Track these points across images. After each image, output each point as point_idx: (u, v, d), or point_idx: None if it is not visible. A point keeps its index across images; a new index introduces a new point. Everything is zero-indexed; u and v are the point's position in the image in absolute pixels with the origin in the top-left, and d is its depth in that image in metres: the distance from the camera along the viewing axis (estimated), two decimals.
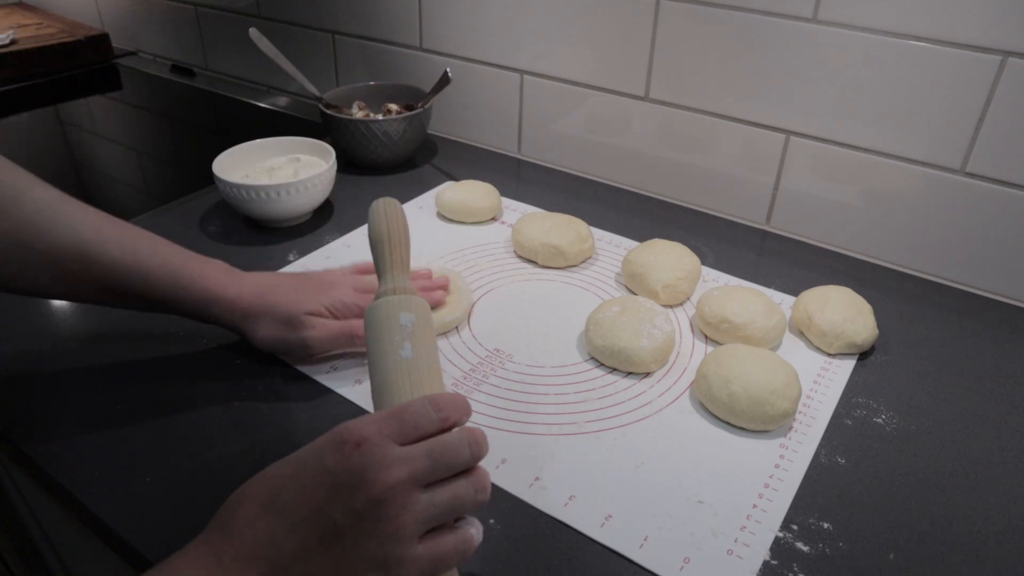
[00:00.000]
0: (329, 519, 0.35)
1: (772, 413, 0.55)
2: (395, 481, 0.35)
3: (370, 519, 0.35)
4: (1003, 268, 0.75)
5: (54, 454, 0.54)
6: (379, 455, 0.36)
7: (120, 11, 1.51)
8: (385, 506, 0.35)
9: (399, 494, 0.35)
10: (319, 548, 0.35)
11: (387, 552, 0.35)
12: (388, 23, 1.09)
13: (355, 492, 0.35)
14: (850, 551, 0.48)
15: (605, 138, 0.97)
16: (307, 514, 0.35)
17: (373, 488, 0.35)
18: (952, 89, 0.71)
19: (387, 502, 0.35)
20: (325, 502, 0.35)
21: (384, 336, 0.45)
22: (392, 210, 0.50)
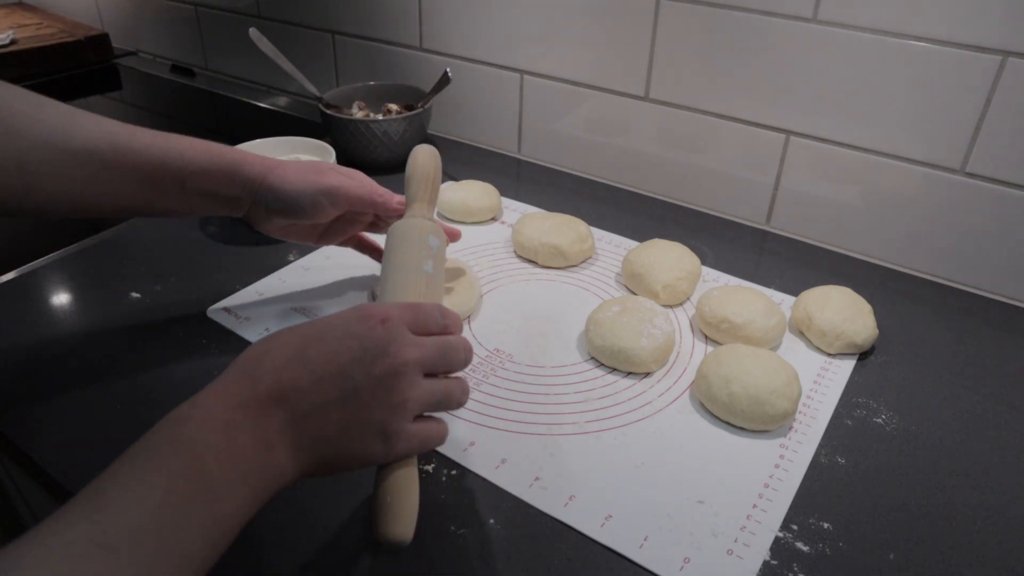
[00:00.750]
0: (351, 379, 0.39)
1: (772, 413, 0.55)
2: (411, 359, 0.41)
3: (384, 387, 0.40)
4: (1003, 268, 0.75)
5: (54, 454, 0.54)
6: (401, 334, 0.41)
7: (120, 11, 1.51)
8: (399, 379, 0.40)
9: (411, 372, 0.41)
10: (337, 404, 0.39)
11: (389, 421, 0.40)
12: (388, 23, 1.09)
13: (377, 360, 0.40)
14: (850, 551, 0.48)
15: (605, 138, 0.97)
16: (332, 371, 0.39)
17: (394, 360, 0.40)
18: (952, 89, 0.71)
19: (401, 376, 0.40)
20: (349, 363, 0.39)
21: (412, 250, 0.54)
22: (433, 154, 0.63)
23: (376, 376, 0.39)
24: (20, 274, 0.75)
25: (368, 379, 0.39)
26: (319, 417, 0.38)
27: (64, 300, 0.72)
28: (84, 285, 0.74)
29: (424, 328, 0.44)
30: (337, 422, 0.39)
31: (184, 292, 0.72)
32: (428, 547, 0.47)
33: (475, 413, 0.58)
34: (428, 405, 0.43)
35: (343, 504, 0.50)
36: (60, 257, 0.78)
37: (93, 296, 0.72)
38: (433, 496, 0.51)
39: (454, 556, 0.47)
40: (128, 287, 0.72)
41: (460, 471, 0.53)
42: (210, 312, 0.69)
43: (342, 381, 0.39)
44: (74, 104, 0.54)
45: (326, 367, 0.39)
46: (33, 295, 0.72)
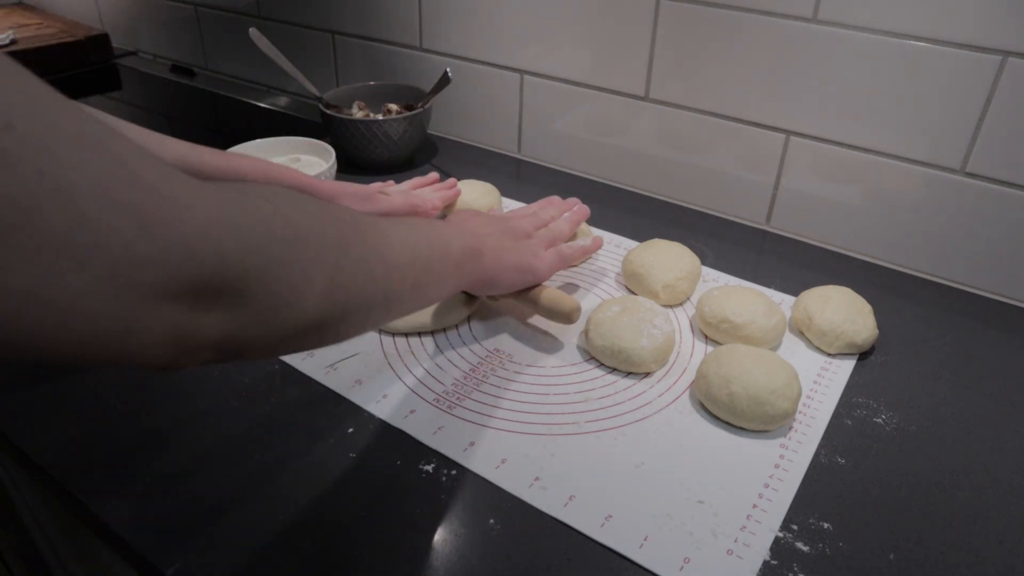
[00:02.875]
0: (507, 222, 0.64)
1: (772, 413, 0.55)
2: (525, 223, 0.65)
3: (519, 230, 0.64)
4: (1003, 268, 0.75)
5: (54, 454, 0.54)
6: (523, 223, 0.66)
7: (120, 11, 1.51)
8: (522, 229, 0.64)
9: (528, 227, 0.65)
10: (500, 232, 0.61)
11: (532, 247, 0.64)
12: (388, 23, 1.09)
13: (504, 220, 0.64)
14: (850, 551, 0.48)
15: (605, 138, 0.97)
16: (496, 220, 0.63)
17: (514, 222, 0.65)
18: (952, 89, 0.71)
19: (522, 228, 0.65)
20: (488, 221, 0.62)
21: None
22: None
23: (514, 227, 0.63)
24: None
25: (512, 227, 0.63)
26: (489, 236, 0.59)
27: None
28: None
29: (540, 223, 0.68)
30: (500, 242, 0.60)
31: None
32: (428, 547, 0.47)
33: (475, 413, 0.58)
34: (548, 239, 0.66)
35: (343, 504, 0.50)
36: None
37: None
38: (433, 496, 0.51)
39: (454, 556, 0.47)
40: None
41: (460, 471, 0.53)
42: None
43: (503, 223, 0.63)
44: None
45: (479, 220, 0.61)
46: None
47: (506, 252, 0.60)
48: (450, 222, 0.58)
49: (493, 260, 0.58)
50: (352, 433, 0.56)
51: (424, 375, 0.62)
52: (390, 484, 0.52)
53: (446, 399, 0.59)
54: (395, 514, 0.49)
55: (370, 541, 0.48)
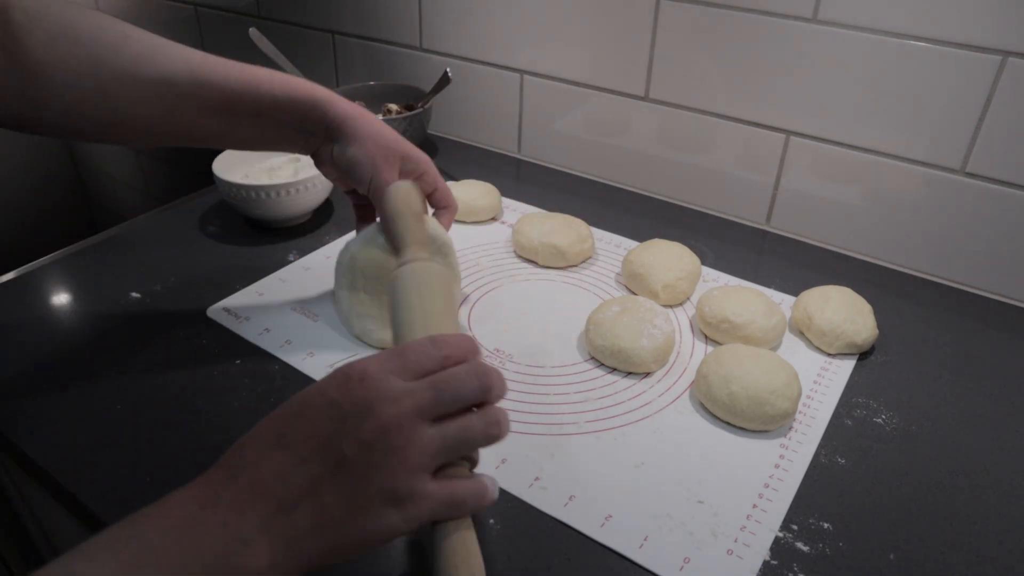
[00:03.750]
0: (338, 450, 0.35)
1: (772, 413, 0.55)
2: (401, 412, 0.36)
3: (379, 449, 0.35)
4: (1003, 268, 0.75)
5: (54, 454, 0.54)
6: (383, 387, 0.36)
7: (120, 11, 1.51)
8: (392, 436, 0.35)
9: (405, 424, 0.36)
10: (329, 481, 0.35)
11: (397, 484, 0.35)
12: (388, 23, 1.09)
13: (362, 422, 0.35)
14: (850, 551, 0.48)
15: (605, 138, 0.97)
16: (316, 448, 0.35)
17: (380, 418, 0.35)
18: (952, 89, 0.71)
19: (394, 432, 0.35)
20: (333, 434, 0.35)
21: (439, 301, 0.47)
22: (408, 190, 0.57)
23: (366, 441, 0.35)
24: (20, 274, 0.75)
25: (357, 445, 0.35)
26: (311, 502, 0.34)
27: (64, 300, 0.72)
28: (84, 285, 0.74)
29: (416, 370, 0.38)
30: (335, 502, 0.35)
31: (184, 292, 0.72)
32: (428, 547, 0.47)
33: None
34: (442, 453, 0.37)
35: None
36: (60, 257, 0.78)
37: (93, 296, 0.72)
38: None
39: None
40: (128, 287, 0.72)
41: None
42: (210, 312, 0.69)
43: (329, 456, 0.35)
44: None
45: (308, 444, 0.35)
46: (33, 295, 0.72)
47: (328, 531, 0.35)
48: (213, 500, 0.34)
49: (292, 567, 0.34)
50: None
51: None
52: None
53: None
54: None
55: None
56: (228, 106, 0.56)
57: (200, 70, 0.55)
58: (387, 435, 0.35)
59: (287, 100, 0.58)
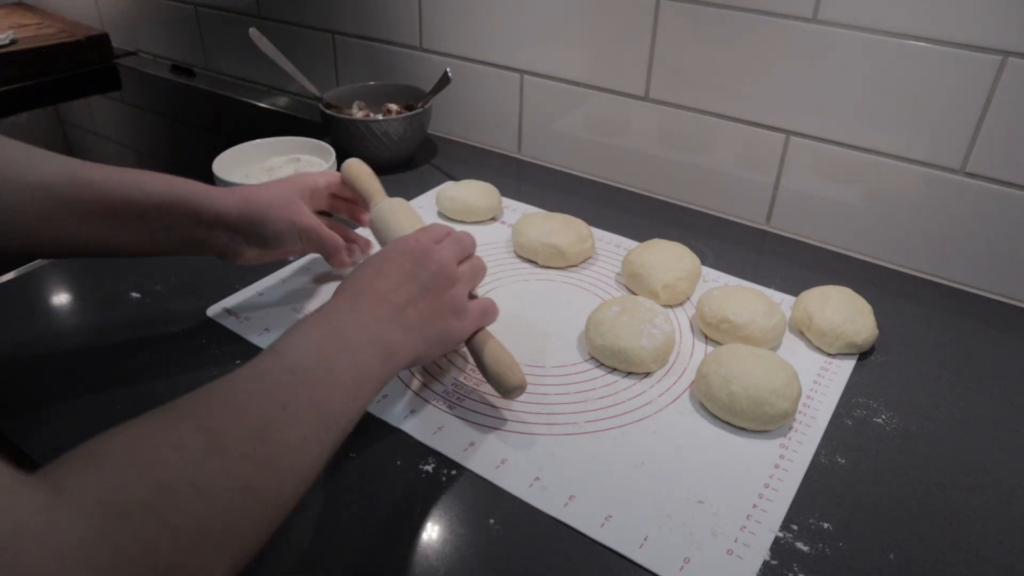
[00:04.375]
0: (418, 279, 0.52)
1: (772, 413, 0.55)
2: (446, 256, 0.55)
3: (441, 277, 0.53)
4: (1003, 268, 0.75)
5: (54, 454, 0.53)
6: (430, 243, 0.55)
7: (120, 11, 1.51)
8: (445, 269, 0.54)
9: (452, 263, 0.55)
10: (418, 295, 0.51)
11: (455, 300, 0.54)
12: (388, 23, 1.09)
13: (427, 262, 0.53)
14: (850, 551, 0.48)
15: (605, 138, 0.97)
16: (403, 277, 0.51)
17: (437, 260, 0.54)
18: (952, 89, 0.71)
19: (446, 267, 0.54)
20: (412, 269, 0.52)
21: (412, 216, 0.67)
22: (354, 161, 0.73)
23: (432, 271, 0.53)
24: (20, 274, 0.75)
25: (428, 274, 0.52)
26: (412, 308, 0.50)
27: (64, 300, 0.72)
28: (84, 285, 0.74)
29: (439, 236, 0.57)
30: (424, 308, 0.51)
31: (184, 292, 0.72)
32: (428, 547, 0.47)
33: (475, 413, 0.58)
34: (470, 281, 0.56)
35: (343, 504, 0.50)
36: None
37: (93, 296, 0.72)
38: (433, 496, 0.51)
39: (454, 556, 0.47)
40: (128, 287, 0.72)
41: (460, 471, 0.53)
42: (210, 312, 0.69)
43: (413, 281, 0.51)
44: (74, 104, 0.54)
45: (399, 275, 0.51)
46: (33, 295, 0.72)
47: (427, 326, 0.51)
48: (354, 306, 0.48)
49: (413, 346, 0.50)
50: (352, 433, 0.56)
51: (424, 375, 0.62)
52: (390, 484, 0.52)
53: (446, 399, 0.59)
54: (395, 514, 0.49)
55: (370, 541, 0.48)
56: (110, 210, 0.54)
57: (79, 173, 0.53)
58: (442, 269, 0.53)
59: (174, 200, 0.57)
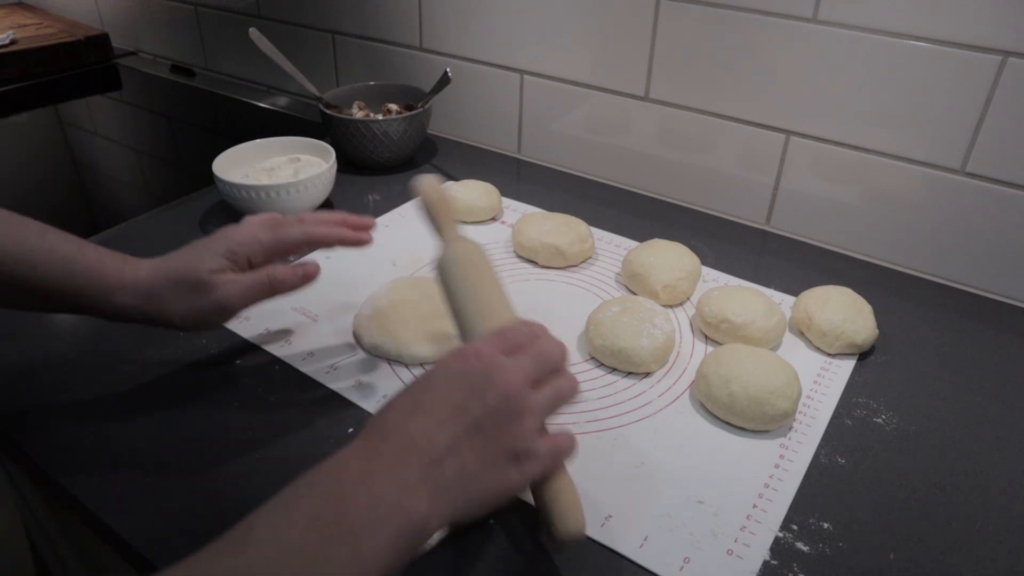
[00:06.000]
0: (469, 414, 0.40)
1: (772, 413, 0.55)
2: (516, 380, 0.42)
3: (502, 412, 0.41)
4: (1003, 268, 0.75)
5: (54, 454, 0.54)
6: (498, 361, 0.42)
7: (120, 11, 1.51)
8: (512, 400, 0.41)
9: (521, 390, 0.42)
10: (465, 440, 0.40)
11: (517, 443, 0.41)
12: (388, 23, 1.09)
13: (487, 390, 0.41)
14: (850, 551, 0.48)
15: (605, 138, 0.97)
16: (450, 412, 0.40)
17: (501, 386, 0.41)
18: (952, 89, 0.71)
19: (513, 397, 0.41)
20: (463, 400, 0.40)
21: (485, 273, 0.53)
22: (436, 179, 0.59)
23: (492, 404, 0.40)
24: None
25: (485, 408, 0.40)
26: (453, 457, 0.39)
27: None
28: None
29: (515, 346, 0.44)
30: (471, 458, 0.40)
31: None
32: (428, 547, 0.47)
33: None
34: (545, 412, 0.43)
35: None
36: None
37: None
38: None
39: (454, 556, 0.47)
40: None
41: None
42: None
43: (462, 417, 0.40)
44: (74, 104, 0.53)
45: (443, 409, 0.40)
46: None
47: (470, 483, 0.40)
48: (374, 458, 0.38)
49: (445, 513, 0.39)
50: (352, 433, 0.56)
51: None
52: None
53: None
54: None
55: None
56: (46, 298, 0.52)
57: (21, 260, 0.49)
58: (508, 400, 0.41)
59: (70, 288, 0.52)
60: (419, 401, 0.41)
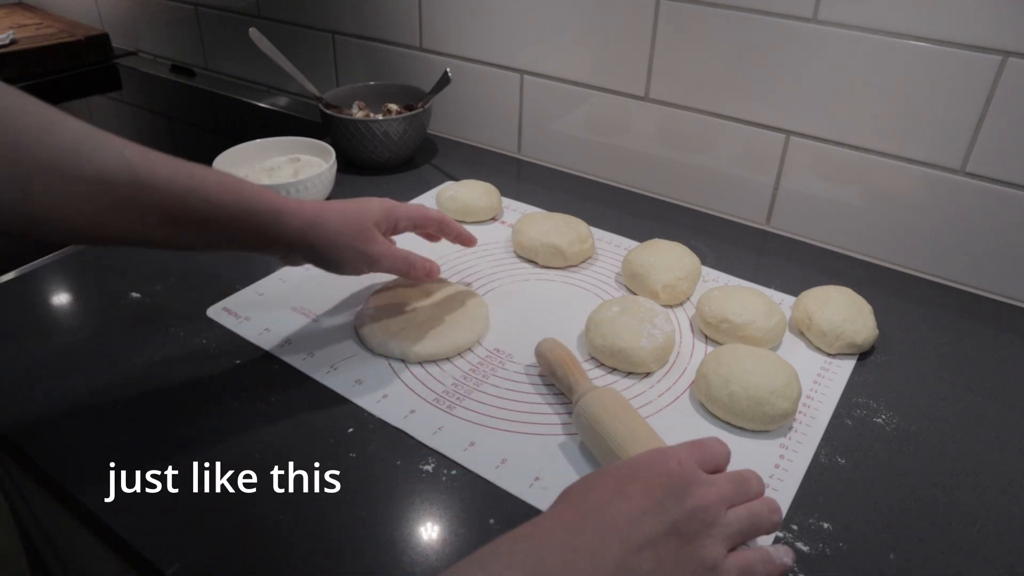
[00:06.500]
0: (668, 513, 0.40)
1: (772, 413, 0.55)
2: (714, 495, 0.42)
3: (697, 521, 0.40)
4: (1003, 268, 0.75)
5: (54, 454, 0.54)
6: (699, 474, 0.43)
7: (120, 11, 1.51)
8: (707, 512, 0.41)
9: (716, 504, 0.42)
10: (662, 537, 0.39)
11: (711, 554, 0.40)
12: (388, 23, 1.09)
13: (686, 496, 0.41)
14: (850, 551, 0.48)
15: (605, 138, 0.97)
16: (651, 505, 0.40)
17: (699, 497, 0.41)
18: (952, 89, 0.71)
19: (709, 509, 0.41)
20: (664, 498, 0.40)
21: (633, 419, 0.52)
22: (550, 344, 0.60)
23: (689, 509, 0.40)
24: (20, 274, 0.75)
25: (683, 512, 0.40)
26: (652, 550, 0.39)
27: (64, 300, 0.72)
28: (84, 285, 0.74)
29: (713, 464, 0.45)
30: (668, 557, 0.39)
31: (184, 292, 0.72)
32: (428, 547, 0.47)
33: (475, 413, 0.58)
34: (737, 533, 0.42)
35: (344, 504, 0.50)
36: (60, 257, 0.78)
37: (93, 296, 0.72)
38: (433, 496, 0.51)
39: (454, 556, 0.47)
40: (128, 287, 0.72)
41: (460, 471, 0.53)
42: (210, 312, 0.69)
43: (662, 514, 0.40)
44: (74, 104, 0.53)
45: (645, 501, 0.40)
46: (33, 295, 0.72)
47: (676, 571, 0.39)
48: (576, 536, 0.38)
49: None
50: (352, 433, 0.56)
51: (424, 375, 0.62)
52: (390, 484, 0.52)
53: (446, 399, 0.59)
54: (395, 514, 0.49)
55: (370, 541, 0.47)
56: (172, 214, 0.50)
57: (140, 169, 0.48)
58: (704, 511, 0.41)
59: (240, 215, 0.52)
60: (622, 487, 0.41)
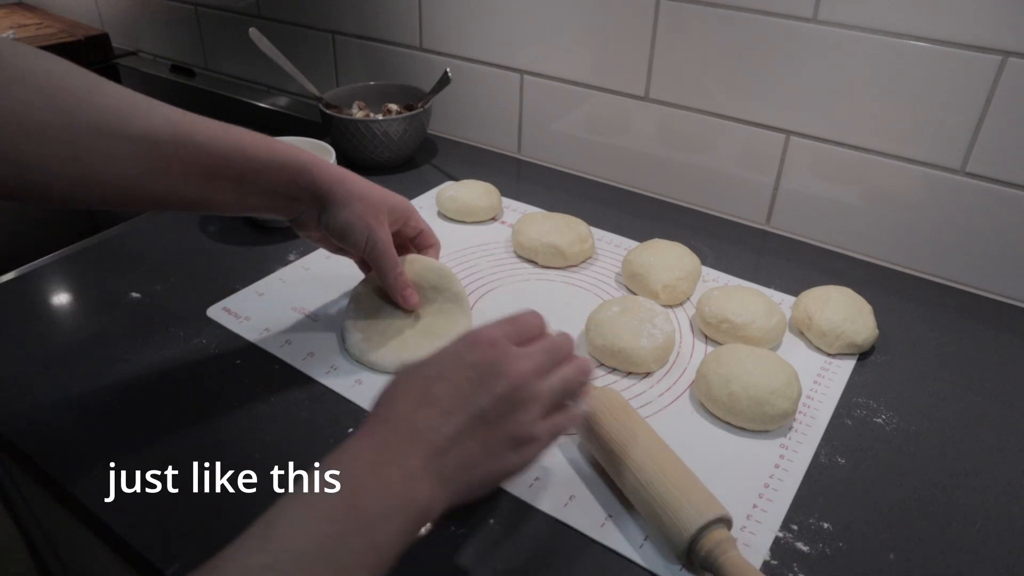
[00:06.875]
0: (477, 405, 0.41)
1: (772, 413, 0.55)
2: (525, 371, 0.43)
3: (509, 402, 0.42)
4: (1003, 268, 0.75)
5: (54, 454, 0.54)
6: (510, 351, 0.44)
7: (120, 11, 1.51)
8: (521, 391, 0.43)
9: (529, 381, 0.43)
10: (470, 431, 0.41)
11: (521, 430, 0.43)
12: (388, 23, 1.09)
13: (496, 380, 0.42)
14: (850, 551, 0.48)
15: (605, 138, 0.97)
16: (458, 402, 0.41)
17: (510, 377, 0.42)
18: (952, 89, 0.71)
19: (521, 387, 0.43)
20: (471, 391, 0.42)
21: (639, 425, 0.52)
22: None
23: (499, 395, 0.42)
24: (20, 274, 0.75)
25: (492, 399, 0.42)
26: (458, 447, 0.41)
27: (64, 300, 0.72)
28: (84, 285, 0.74)
29: (527, 337, 0.46)
30: (475, 447, 0.41)
31: (184, 292, 0.72)
32: (428, 547, 0.47)
33: None
34: (551, 402, 0.45)
35: None
36: (60, 257, 0.78)
37: (93, 296, 0.72)
38: None
39: (454, 556, 0.47)
40: (128, 287, 0.72)
41: None
42: (210, 312, 0.69)
43: (470, 409, 0.41)
44: None
45: (452, 401, 0.41)
46: (33, 295, 0.72)
47: (472, 471, 0.41)
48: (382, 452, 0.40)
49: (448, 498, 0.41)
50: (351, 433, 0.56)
51: None
52: None
53: None
54: None
55: None
56: (211, 170, 0.53)
57: (182, 128, 0.50)
58: (516, 390, 0.42)
59: (275, 166, 0.55)
60: (428, 392, 0.42)
